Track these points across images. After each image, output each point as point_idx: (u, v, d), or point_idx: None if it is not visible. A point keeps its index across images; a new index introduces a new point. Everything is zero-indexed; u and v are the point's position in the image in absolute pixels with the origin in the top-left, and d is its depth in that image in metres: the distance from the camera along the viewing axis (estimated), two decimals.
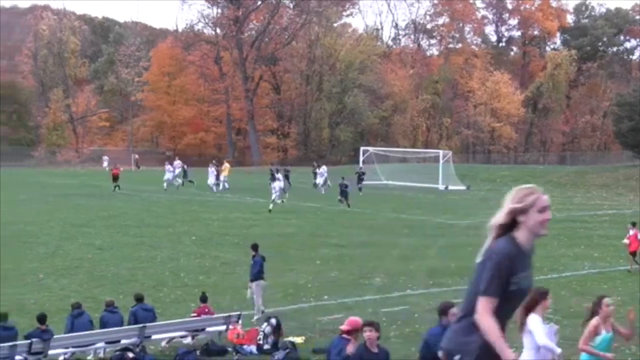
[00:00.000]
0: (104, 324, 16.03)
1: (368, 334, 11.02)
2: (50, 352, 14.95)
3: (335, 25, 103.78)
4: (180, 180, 56.96)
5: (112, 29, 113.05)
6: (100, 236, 32.99)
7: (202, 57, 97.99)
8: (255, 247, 19.77)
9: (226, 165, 59.66)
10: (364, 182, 54.95)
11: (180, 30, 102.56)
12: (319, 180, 56.68)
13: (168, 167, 57.57)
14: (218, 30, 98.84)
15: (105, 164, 67.52)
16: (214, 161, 60.66)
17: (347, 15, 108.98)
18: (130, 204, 46.93)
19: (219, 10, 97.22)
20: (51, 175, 67.26)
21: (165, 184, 55.19)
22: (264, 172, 59.75)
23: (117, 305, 16.68)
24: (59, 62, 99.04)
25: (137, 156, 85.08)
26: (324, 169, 58.02)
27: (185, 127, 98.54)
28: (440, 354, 6.13)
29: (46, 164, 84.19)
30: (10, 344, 14.42)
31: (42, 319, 15.01)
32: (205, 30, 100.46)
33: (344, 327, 12.22)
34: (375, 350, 11.05)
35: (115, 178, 54.37)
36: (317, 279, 24.18)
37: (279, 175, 48.45)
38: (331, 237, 33.64)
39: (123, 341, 15.82)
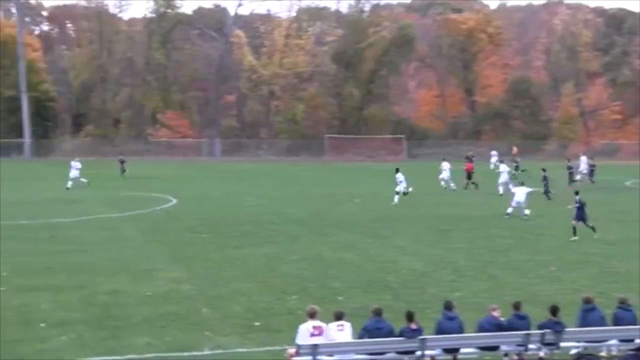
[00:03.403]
0: (617, 322, 15.67)
1: None
2: (562, 344, 15.06)
3: None
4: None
5: (626, 20, 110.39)
6: (611, 231, 32.39)
7: None
8: None
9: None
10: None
11: None
12: (502, 179, 46.62)
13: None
14: None
15: (514, 150, 68.48)
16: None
17: None
18: None
19: None
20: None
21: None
22: None
23: (630, 304, 16.17)
24: (571, 56, 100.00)
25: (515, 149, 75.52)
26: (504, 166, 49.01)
27: None
28: None
29: (556, 157, 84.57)
30: (524, 332, 14.85)
31: (554, 310, 15.16)
32: None
33: None
34: None
35: (469, 175, 50.77)
36: None
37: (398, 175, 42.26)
38: None
39: (637, 341, 15.29)
